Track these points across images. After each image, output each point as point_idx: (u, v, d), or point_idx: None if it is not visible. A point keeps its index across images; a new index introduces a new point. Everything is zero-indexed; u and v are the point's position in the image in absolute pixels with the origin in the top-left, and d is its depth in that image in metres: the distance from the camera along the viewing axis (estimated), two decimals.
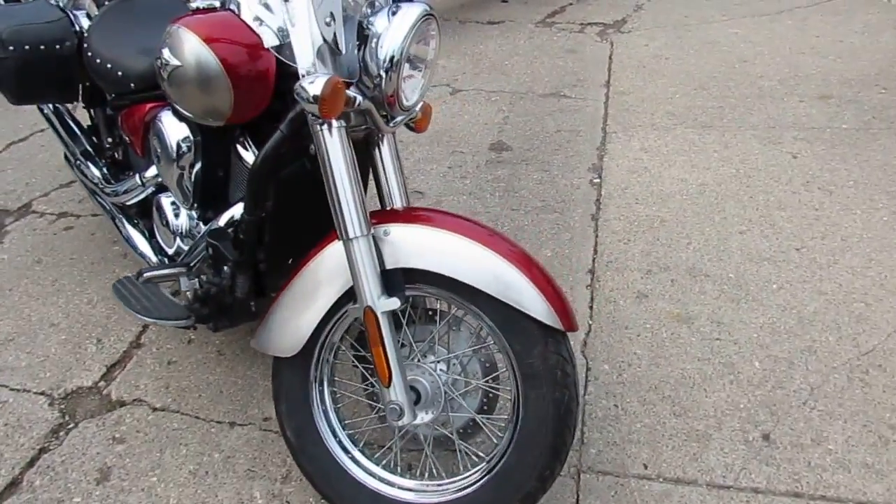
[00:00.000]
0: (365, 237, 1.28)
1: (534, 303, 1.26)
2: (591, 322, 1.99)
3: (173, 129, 1.61)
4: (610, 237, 2.34)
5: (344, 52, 1.26)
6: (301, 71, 1.23)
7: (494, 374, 1.42)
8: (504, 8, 4.42)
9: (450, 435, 1.42)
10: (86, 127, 2.27)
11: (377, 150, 1.50)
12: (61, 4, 2.18)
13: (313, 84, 1.16)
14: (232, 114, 1.38)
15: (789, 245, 2.26)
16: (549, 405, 1.28)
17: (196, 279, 1.56)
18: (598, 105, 3.21)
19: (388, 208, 1.48)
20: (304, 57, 1.23)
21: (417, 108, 1.52)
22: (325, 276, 1.36)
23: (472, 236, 1.30)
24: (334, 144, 1.27)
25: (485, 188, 2.64)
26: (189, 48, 1.33)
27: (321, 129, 1.26)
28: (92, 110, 2.17)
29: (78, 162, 2.16)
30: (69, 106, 2.33)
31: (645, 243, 2.30)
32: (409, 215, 1.39)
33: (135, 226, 1.96)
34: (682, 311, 2.01)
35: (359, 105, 1.28)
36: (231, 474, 1.61)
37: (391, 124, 1.41)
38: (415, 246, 1.32)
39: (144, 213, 1.93)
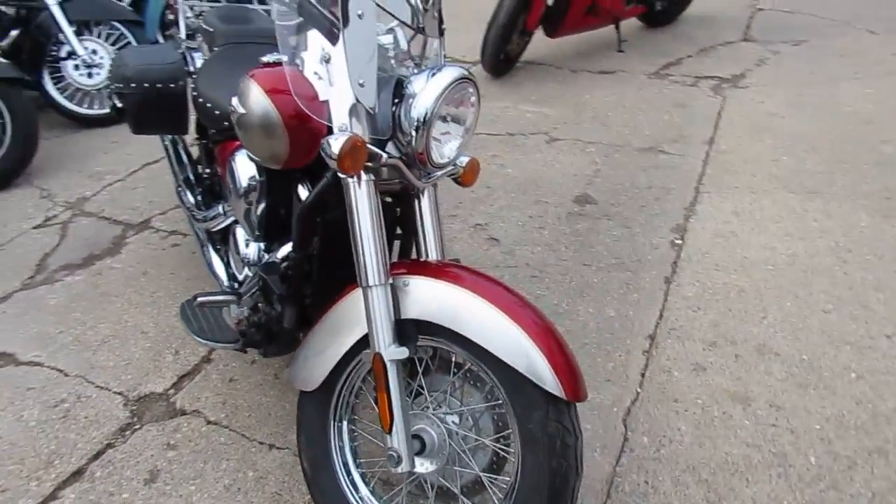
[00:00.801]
0: (382, 286, 1.35)
1: (538, 368, 1.26)
2: (639, 390, 1.93)
3: (244, 168, 1.77)
4: (679, 303, 2.26)
5: (376, 111, 1.34)
6: (334, 127, 1.33)
7: (505, 433, 1.43)
8: (619, 58, 4.39)
9: (453, 489, 1.44)
10: (193, 158, 2.51)
11: (416, 202, 1.55)
12: (182, 48, 2.45)
13: (335, 142, 1.24)
14: (288, 158, 1.49)
15: (879, 331, 2.08)
16: (545, 473, 1.28)
17: (245, 308, 1.69)
18: (695, 163, 3.11)
19: (421, 259, 1.53)
20: (338, 115, 1.33)
21: (459, 164, 1.56)
22: (345, 321, 1.43)
23: (489, 296, 1.33)
24: (361, 197, 1.35)
25: (561, 240, 2.63)
26: (252, 98, 1.47)
27: (350, 182, 1.34)
28: (199, 143, 2.40)
29: (180, 188, 2.39)
30: (186, 137, 2.59)
31: (716, 313, 2.20)
32: (434, 269, 1.44)
33: (216, 251, 2.14)
34: (741, 389, 1.91)
35: (385, 161, 1.35)
36: (260, 494, 1.71)
37: (424, 180, 1.46)
38: (431, 299, 1.36)
39: (224, 241, 2.11)
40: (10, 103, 3.29)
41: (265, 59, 1.55)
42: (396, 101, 1.38)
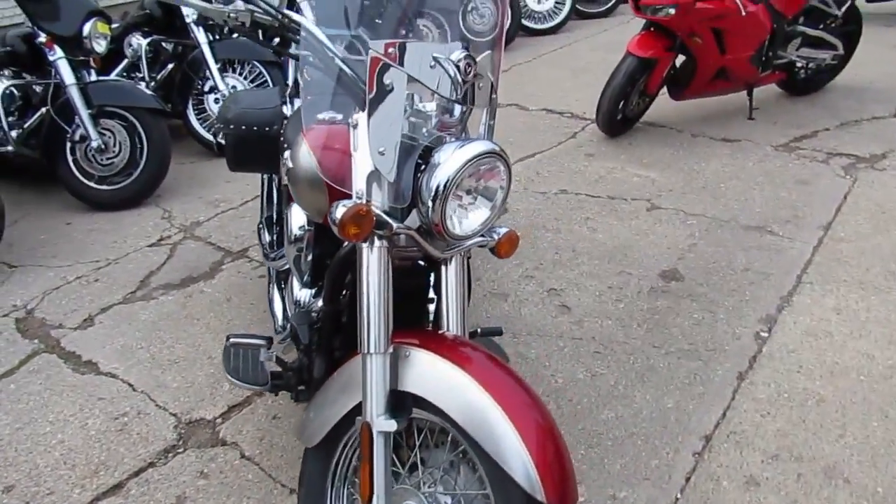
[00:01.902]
0: (381, 355, 1.33)
1: (523, 470, 1.20)
2: (678, 496, 1.77)
3: (297, 216, 1.83)
4: (747, 404, 2.06)
5: (392, 180, 1.34)
6: (353, 192, 1.35)
7: None
8: (747, 126, 4.14)
9: None
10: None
11: (443, 271, 1.53)
12: (285, 94, 2.60)
13: (340, 208, 1.26)
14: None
15: None
16: None
17: (275, 353, 1.74)
18: (804, 248, 2.85)
19: (438, 331, 1.50)
20: (358, 180, 1.35)
21: (494, 236, 1.52)
22: (347, 383, 1.43)
23: (491, 386, 1.28)
24: (371, 262, 1.35)
25: (635, 317, 2.50)
26: (300, 153, 1.53)
27: (363, 247, 1.35)
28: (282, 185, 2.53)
29: (261, 224, 2.52)
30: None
31: (786, 421, 1.98)
32: (443, 344, 1.40)
33: (279, 291, 2.23)
34: None
35: (396, 230, 1.34)
36: None
37: (446, 251, 1.44)
38: (430, 376, 1.33)
39: (286, 282, 2.19)
40: (149, 131, 3.64)
41: (321, 115, 1.61)
42: (422, 168, 1.38)
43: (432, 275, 1.66)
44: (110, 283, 2.97)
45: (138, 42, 4.31)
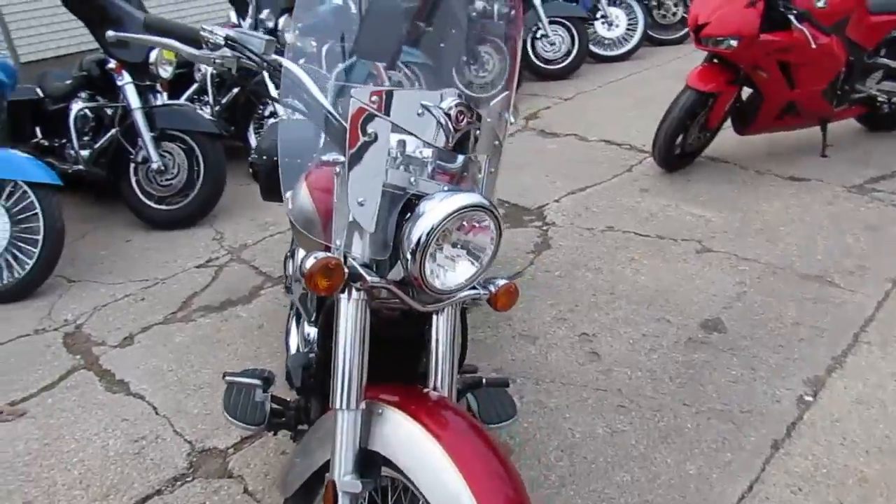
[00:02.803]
0: (351, 412, 1.29)
1: None
2: None
3: (301, 254, 1.82)
4: (779, 477, 1.89)
5: (372, 231, 1.30)
6: (332, 244, 1.32)
7: None
8: (818, 164, 3.89)
9: None
10: None
11: (434, 323, 1.48)
12: None
13: (308, 260, 1.23)
14: None
15: None
16: None
17: (269, 394, 1.72)
18: (867, 303, 2.63)
19: (424, 389, 1.44)
20: (338, 229, 1.32)
21: (490, 288, 1.46)
22: (323, 437, 1.39)
23: (462, 457, 1.21)
24: (347, 315, 1.31)
25: (668, 370, 2.36)
26: (300, 195, 1.53)
27: (342, 297, 1.32)
28: None
29: (288, 254, 2.53)
30: None
31: (820, 501, 1.81)
32: (421, 405, 1.35)
33: (296, 324, 2.22)
34: None
35: (371, 284, 1.30)
36: None
37: (429, 306, 1.39)
38: (399, 438, 1.28)
39: (300, 317, 2.18)
40: (206, 154, 3.76)
41: (325, 157, 1.59)
42: (407, 218, 1.34)
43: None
44: (155, 302, 3.06)
45: (206, 68, 4.48)
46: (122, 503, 1.98)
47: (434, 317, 1.46)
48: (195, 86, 4.53)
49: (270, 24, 4.38)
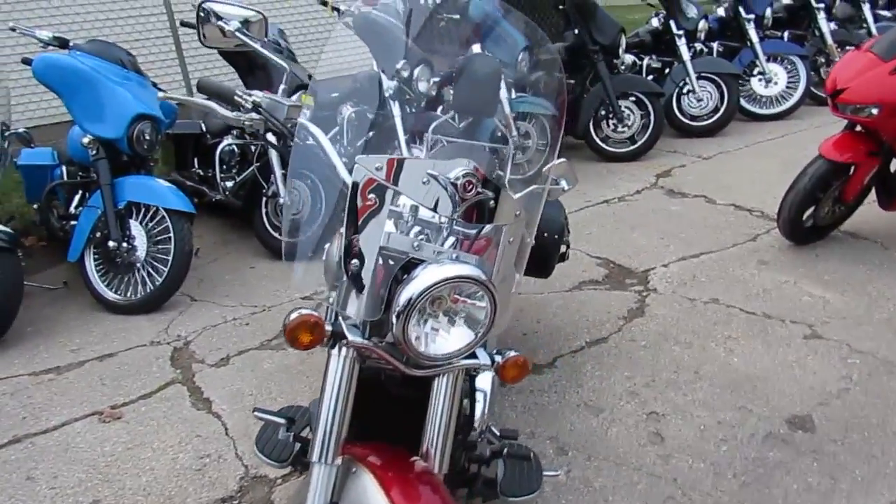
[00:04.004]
0: (325, 466, 1.33)
1: None
2: None
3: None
4: None
5: (363, 293, 1.34)
6: (327, 300, 1.38)
7: None
8: None
9: None
10: None
11: (433, 388, 1.48)
12: None
13: (290, 315, 1.29)
14: None
15: None
16: None
17: (292, 433, 1.79)
18: None
19: (414, 458, 1.44)
20: (332, 288, 1.37)
21: (497, 359, 1.45)
22: (305, 489, 1.43)
23: None
24: (334, 370, 1.37)
25: (735, 465, 2.16)
26: (332, 248, 1.61)
27: (330, 352, 1.37)
28: None
29: None
30: None
31: None
32: (397, 471, 1.36)
33: None
34: None
35: (352, 343, 1.34)
36: None
37: (417, 371, 1.39)
38: (365, 498, 1.29)
39: None
40: (328, 192, 3.99)
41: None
42: (405, 279, 1.36)
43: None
44: (257, 328, 3.29)
45: (348, 111, 4.79)
46: None
47: (434, 382, 1.47)
48: (334, 130, 4.85)
49: (405, 74, 4.62)
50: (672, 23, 5.77)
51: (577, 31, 5.44)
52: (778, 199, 4.01)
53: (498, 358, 1.48)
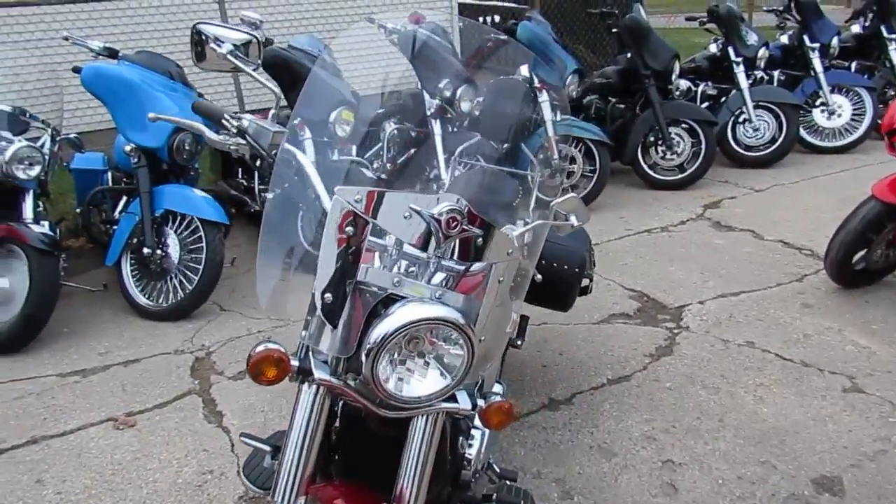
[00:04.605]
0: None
1: None
2: None
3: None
4: None
5: (334, 328, 1.29)
6: (300, 335, 1.34)
7: None
8: None
9: None
10: None
11: (411, 428, 1.42)
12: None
13: (255, 349, 1.25)
14: None
15: None
16: None
17: (274, 462, 1.76)
18: None
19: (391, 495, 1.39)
20: (305, 323, 1.33)
21: (480, 404, 1.38)
22: None
23: None
24: (301, 405, 1.32)
25: None
26: None
27: (300, 387, 1.33)
28: None
29: None
30: None
31: None
32: None
33: None
34: None
35: (319, 380, 1.30)
36: None
37: (388, 412, 1.34)
38: None
39: None
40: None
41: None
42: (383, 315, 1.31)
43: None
44: (280, 341, 3.28)
45: (390, 127, 4.80)
46: None
47: (411, 422, 1.41)
48: (377, 147, 4.87)
49: (448, 94, 4.60)
50: (730, 49, 5.59)
51: (629, 55, 5.33)
52: (829, 237, 3.81)
53: (481, 402, 1.41)
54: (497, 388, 2.00)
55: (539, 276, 2.23)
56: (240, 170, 4.79)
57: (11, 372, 3.13)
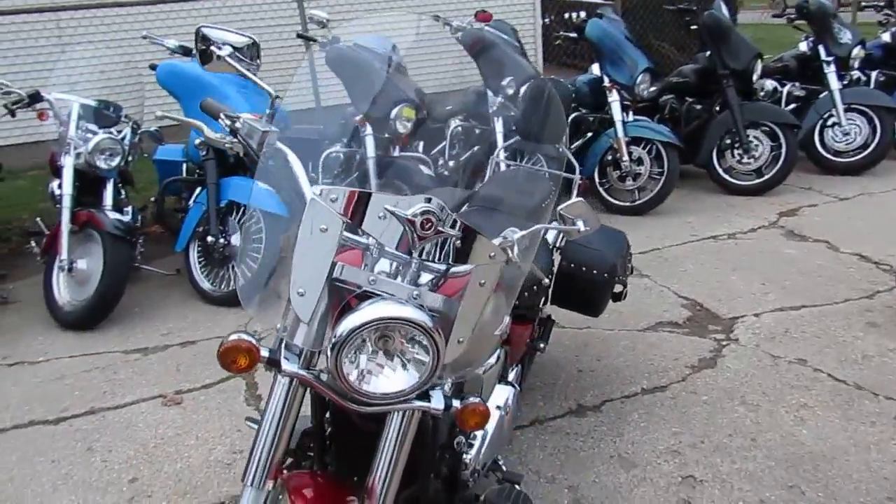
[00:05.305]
0: (252, 489, 1.35)
1: None
2: None
3: None
4: None
5: (307, 322, 1.34)
6: (277, 327, 1.40)
7: None
8: None
9: None
10: None
11: (386, 423, 1.44)
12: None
13: (228, 337, 1.32)
14: None
15: None
16: None
17: None
18: None
19: (350, 497, 1.42)
20: (285, 314, 1.39)
21: (455, 404, 1.40)
22: None
23: None
24: (273, 395, 1.38)
25: None
26: None
27: (274, 377, 1.39)
28: None
29: None
30: None
31: None
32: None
33: None
34: None
35: (287, 372, 1.35)
36: None
37: (362, 408, 1.37)
38: None
39: None
40: None
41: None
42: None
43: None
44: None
45: (454, 124, 4.84)
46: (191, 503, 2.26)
47: (387, 418, 1.44)
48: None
49: (510, 91, 4.58)
50: (821, 48, 5.27)
51: (708, 54, 5.13)
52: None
53: (456, 403, 1.43)
54: (504, 391, 2.00)
55: (546, 280, 2.21)
56: (310, 164, 4.95)
57: (83, 347, 3.39)
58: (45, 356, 3.32)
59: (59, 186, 3.69)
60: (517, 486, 1.92)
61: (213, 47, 1.56)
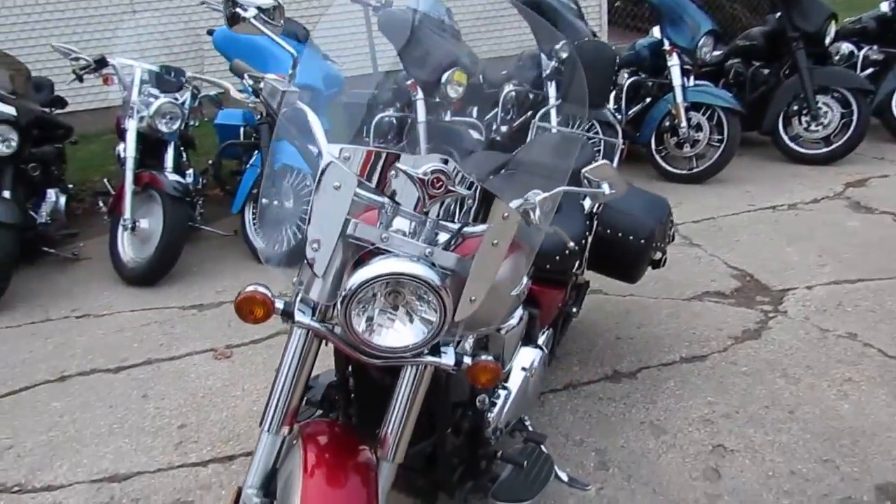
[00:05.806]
0: (269, 434, 1.42)
1: None
2: None
3: None
4: None
5: (320, 275, 1.38)
6: (294, 280, 1.45)
7: None
8: None
9: None
10: None
11: (400, 377, 1.49)
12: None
13: (244, 290, 1.38)
14: None
15: None
16: None
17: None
18: None
19: (362, 446, 1.47)
20: (302, 269, 1.44)
21: (464, 363, 1.43)
22: None
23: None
24: (290, 346, 1.45)
25: None
26: None
27: (290, 329, 1.45)
28: None
29: None
30: None
31: None
32: (333, 454, 1.42)
33: None
34: None
35: (301, 323, 1.40)
36: None
37: (375, 361, 1.41)
38: (291, 474, 1.37)
39: None
40: None
41: None
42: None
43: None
44: None
45: (508, 88, 4.80)
46: (233, 450, 2.38)
47: (401, 371, 1.49)
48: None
49: (563, 55, 4.51)
50: None
51: (778, 16, 4.89)
52: None
53: (467, 360, 1.46)
54: (531, 353, 2.01)
55: (572, 244, 2.19)
56: (365, 128, 5.01)
57: (144, 302, 3.58)
58: (108, 310, 3.52)
59: (125, 149, 3.87)
60: (541, 446, 1.95)
61: (237, 9, 1.60)
